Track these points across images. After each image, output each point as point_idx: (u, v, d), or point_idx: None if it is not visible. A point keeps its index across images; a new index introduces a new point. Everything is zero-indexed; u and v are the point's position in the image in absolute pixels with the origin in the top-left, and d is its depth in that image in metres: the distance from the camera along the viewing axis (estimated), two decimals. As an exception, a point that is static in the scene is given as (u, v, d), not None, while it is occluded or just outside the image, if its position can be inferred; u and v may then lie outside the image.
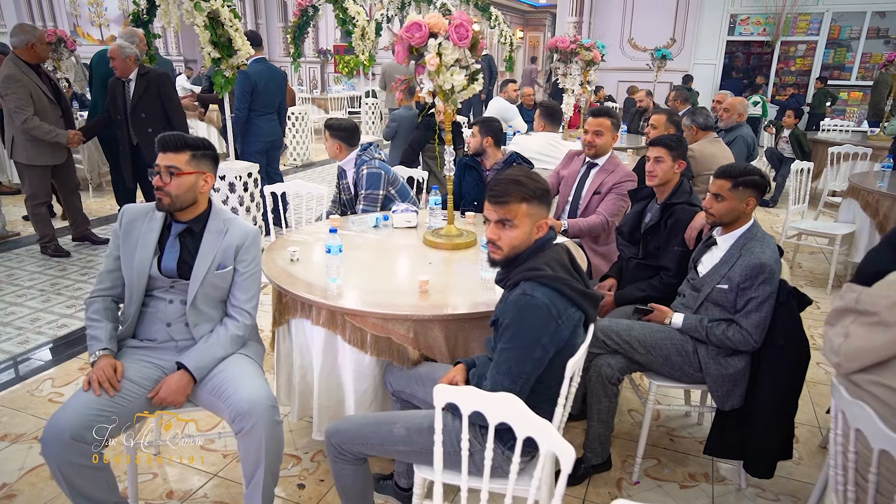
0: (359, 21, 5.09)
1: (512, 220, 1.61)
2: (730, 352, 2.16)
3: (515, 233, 1.62)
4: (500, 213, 1.61)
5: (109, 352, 1.94)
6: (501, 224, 1.63)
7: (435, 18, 2.34)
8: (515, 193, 1.60)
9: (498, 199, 1.61)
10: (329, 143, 3.31)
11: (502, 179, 1.63)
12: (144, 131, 4.50)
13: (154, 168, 1.96)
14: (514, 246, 1.63)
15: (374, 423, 1.78)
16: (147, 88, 4.46)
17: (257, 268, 2.13)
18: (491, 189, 1.64)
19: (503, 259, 1.65)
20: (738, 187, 2.13)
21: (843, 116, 10.52)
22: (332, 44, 13.50)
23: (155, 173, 1.94)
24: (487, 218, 1.66)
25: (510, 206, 1.60)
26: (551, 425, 1.25)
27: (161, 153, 1.95)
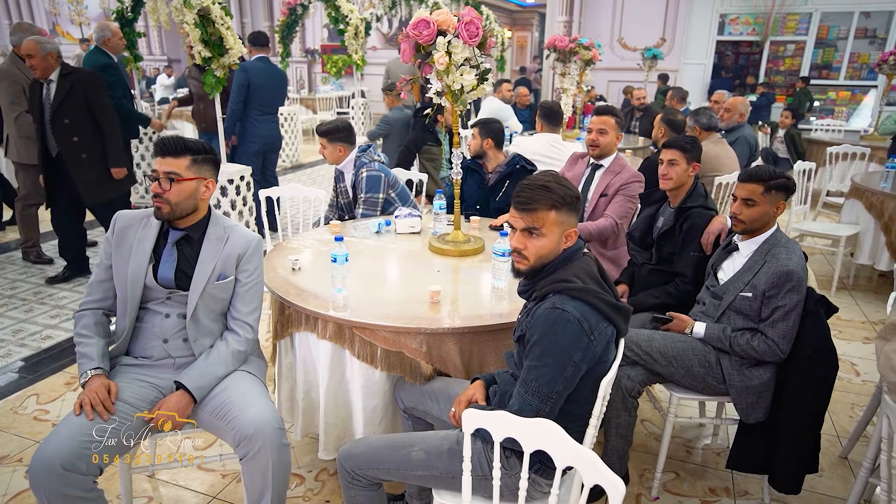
0: (352, 20, 4.96)
1: (540, 228, 1.51)
2: (754, 362, 2.07)
3: (543, 242, 1.52)
4: (528, 221, 1.51)
5: (102, 371, 1.81)
6: (528, 232, 1.52)
7: (444, 15, 2.23)
8: (544, 200, 1.49)
9: (525, 205, 1.50)
10: (329, 149, 3.19)
11: (530, 185, 1.53)
12: (68, 140, 3.83)
13: (152, 174, 1.83)
14: (541, 256, 1.53)
15: (390, 446, 1.67)
16: (71, 91, 3.77)
17: (260, 278, 2.01)
18: (517, 195, 1.53)
19: (529, 269, 1.55)
20: (770, 191, 2.04)
21: (831, 116, 10.60)
22: (320, 43, 13.34)
23: (153, 179, 1.82)
24: (512, 225, 1.56)
25: (538, 213, 1.50)
26: (595, 455, 1.14)
27: (159, 158, 1.82)
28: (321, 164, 8.71)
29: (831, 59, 10.86)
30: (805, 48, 10.78)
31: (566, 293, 1.47)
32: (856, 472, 2.44)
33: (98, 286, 1.93)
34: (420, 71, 2.37)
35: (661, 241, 2.60)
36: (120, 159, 4.02)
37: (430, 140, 4.63)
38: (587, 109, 6.75)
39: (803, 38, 10.76)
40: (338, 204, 3.47)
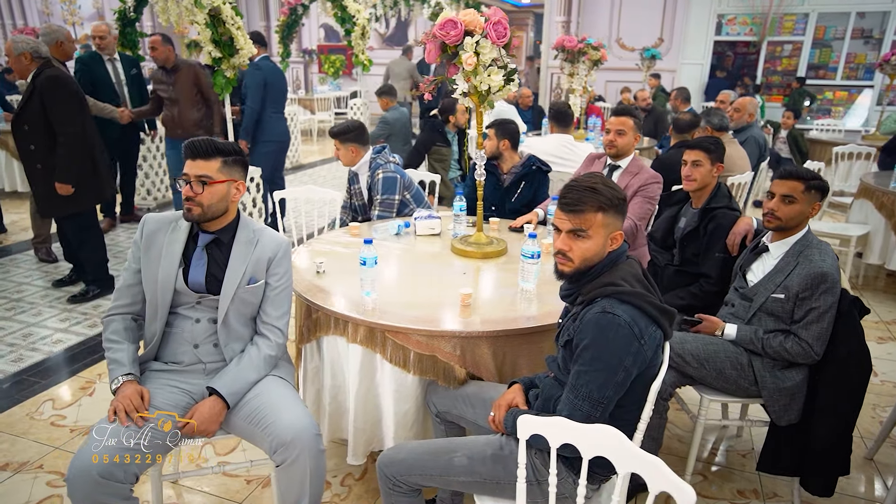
0: (359, 20, 4.93)
1: (586, 230, 1.49)
2: (786, 364, 2.07)
3: (589, 244, 1.50)
4: (574, 223, 1.49)
5: (133, 377, 1.78)
6: (574, 234, 1.51)
7: (470, 15, 2.21)
8: (591, 202, 1.48)
9: (572, 207, 1.49)
10: (343, 150, 3.16)
11: (576, 186, 1.51)
12: (26, 147, 3.52)
13: (182, 177, 1.80)
14: (586, 258, 1.51)
15: (432, 451, 1.65)
16: (31, 95, 3.44)
17: (289, 281, 1.99)
18: (564, 196, 1.51)
19: (573, 272, 1.53)
20: (810, 190, 2.04)
21: (828, 115, 10.67)
22: (317, 43, 13.28)
23: (185, 182, 1.79)
24: (557, 227, 1.54)
25: (585, 215, 1.48)
26: (661, 462, 1.13)
27: (190, 160, 1.79)
28: (321, 165, 8.67)
29: (828, 59, 10.92)
30: (802, 48, 10.83)
31: (615, 297, 1.45)
32: (883, 474, 2.45)
33: (126, 291, 1.89)
34: (445, 71, 2.35)
35: (684, 242, 2.59)
36: (65, 174, 3.48)
37: (439, 141, 4.60)
38: (590, 110, 6.75)
39: (800, 38, 10.81)
40: (352, 206, 3.44)
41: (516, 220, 2.99)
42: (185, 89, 4.53)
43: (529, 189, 3.40)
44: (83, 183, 3.59)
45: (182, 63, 4.56)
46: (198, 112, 4.59)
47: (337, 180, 7.63)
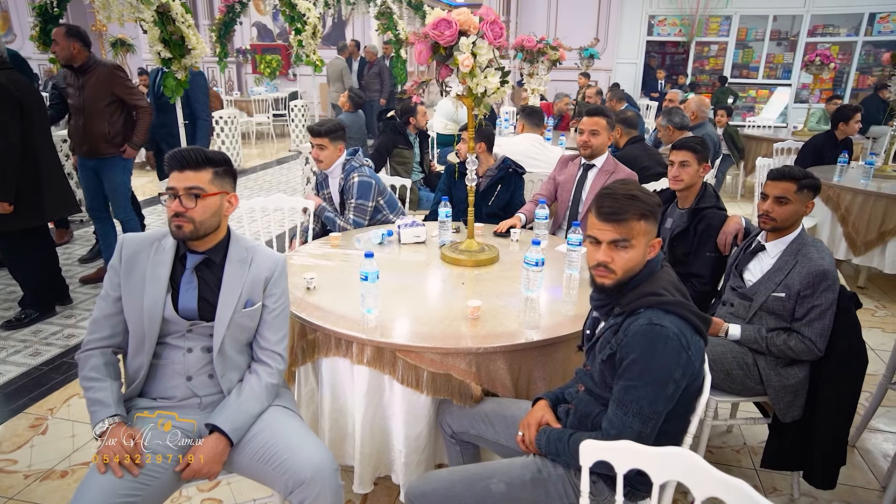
0: (310, 18, 4.73)
1: (630, 239, 1.43)
2: (789, 361, 2.09)
3: (632, 254, 1.44)
4: (619, 232, 1.42)
5: (121, 418, 1.59)
6: (616, 244, 1.44)
7: (465, 15, 2.12)
8: (633, 209, 1.41)
9: (615, 216, 1.42)
10: (331, 149, 3.02)
11: (614, 194, 1.44)
12: None
13: (168, 191, 1.62)
14: (629, 269, 1.45)
15: (466, 479, 1.55)
16: None
17: (287, 302, 1.83)
18: (602, 205, 1.44)
19: (615, 284, 1.46)
20: (802, 189, 2.07)
21: (752, 113, 11.25)
22: (249, 42, 12.78)
23: (172, 196, 1.60)
24: (596, 238, 1.46)
25: (629, 223, 1.42)
26: (745, 483, 1.08)
27: (177, 172, 1.61)
28: (265, 170, 8.33)
29: (750, 59, 11.53)
30: (727, 49, 11.38)
31: (660, 307, 1.40)
32: (867, 460, 2.54)
33: (105, 322, 1.69)
34: (437, 73, 2.25)
35: (674, 242, 2.60)
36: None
37: (400, 143, 4.48)
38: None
39: (725, 39, 11.36)
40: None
41: (500, 225, 2.92)
42: (96, 96, 3.65)
43: (506, 192, 3.35)
44: (20, 200, 3.23)
45: (95, 63, 3.66)
46: (110, 125, 3.72)
47: (283, 185, 7.34)
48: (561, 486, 1.50)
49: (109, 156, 3.80)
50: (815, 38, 10.81)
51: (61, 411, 2.75)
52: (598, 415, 1.51)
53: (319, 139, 3.00)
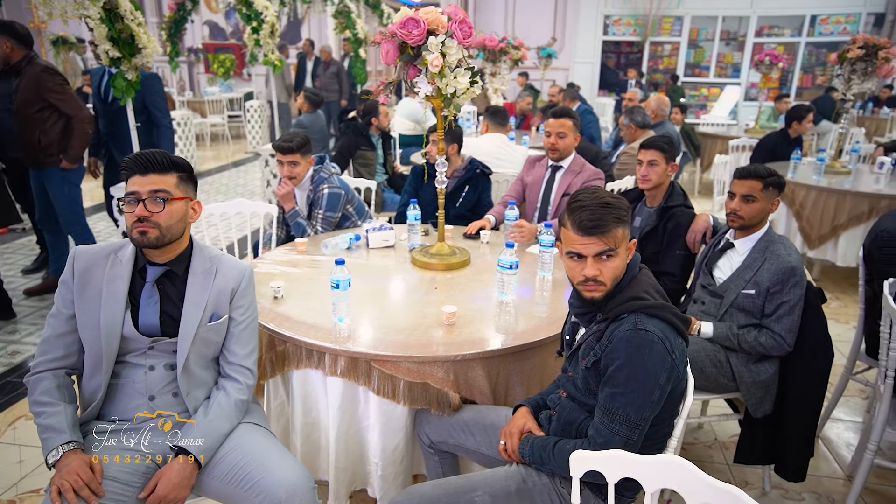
0: (267, 17, 4.59)
1: (616, 248, 1.39)
2: (759, 357, 2.12)
3: (617, 262, 1.41)
4: (605, 243, 1.38)
5: (77, 445, 1.48)
6: (601, 256, 1.40)
7: (433, 14, 2.07)
8: (612, 217, 1.37)
9: (598, 228, 1.37)
10: (303, 164, 2.90)
11: (589, 205, 1.38)
12: None
13: (130, 195, 1.52)
14: (615, 277, 1.42)
15: (450, 493, 1.50)
16: None
17: (255, 314, 1.75)
18: (581, 219, 1.38)
19: (605, 295, 1.43)
20: (768, 187, 2.10)
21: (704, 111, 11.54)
22: (201, 41, 12.42)
23: (134, 201, 1.50)
24: (579, 253, 1.41)
25: (611, 233, 1.38)
26: (741, 491, 1.06)
27: (140, 175, 1.52)
28: (221, 173, 8.09)
29: (701, 58, 11.84)
30: (679, 48, 11.65)
31: (643, 312, 1.38)
32: (831, 450, 2.61)
33: (57, 341, 1.57)
34: (404, 73, 2.19)
35: (643, 241, 2.61)
36: None
37: (363, 145, 4.39)
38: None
39: (677, 39, 11.62)
40: (284, 219, 3.18)
41: (470, 226, 2.88)
42: (25, 101, 3.41)
43: (474, 193, 3.31)
44: None
45: (28, 64, 3.42)
46: (42, 134, 3.46)
47: (241, 188, 7.14)
48: (546, 495, 1.47)
49: (46, 166, 3.59)
50: (762, 39, 11.17)
51: (6, 435, 2.58)
52: (583, 421, 1.48)
53: (291, 156, 2.84)
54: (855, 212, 4.07)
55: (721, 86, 11.70)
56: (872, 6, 10.58)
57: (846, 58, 4.46)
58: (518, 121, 7.09)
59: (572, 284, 1.48)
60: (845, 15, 10.83)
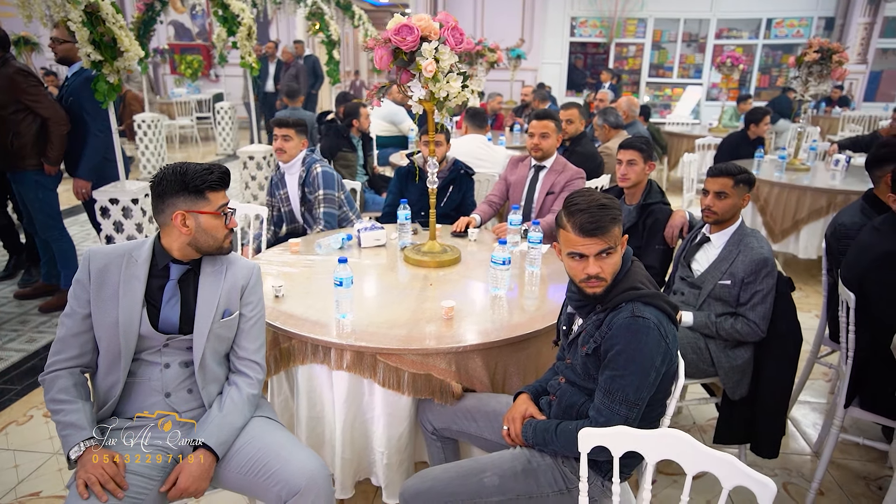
0: (244, 19, 4.60)
1: (615, 246, 1.51)
2: (735, 343, 2.27)
3: (615, 258, 1.52)
4: (606, 242, 1.48)
5: (97, 441, 1.52)
6: (602, 255, 1.50)
7: (425, 21, 2.16)
8: (609, 217, 1.48)
9: (599, 230, 1.46)
10: (295, 141, 3.06)
11: (587, 208, 1.48)
12: None
13: (222, 208, 1.67)
14: (615, 272, 1.53)
15: (460, 475, 1.59)
16: None
17: (263, 310, 1.81)
18: (583, 221, 1.47)
19: (605, 290, 1.53)
20: (738, 184, 2.24)
21: (668, 111, 11.88)
22: (167, 42, 12.23)
23: (231, 213, 1.69)
24: (582, 253, 1.50)
25: (610, 232, 1.48)
26: (734, 458, 1.18)
27: (223, 191, 1.68)
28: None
29: (665, 59, 12.18)
30: (644, 49, 11.97)
31: (640, 300, 1.49)
32: (798, 429, 2.79)
33: (72, 341, 1.61)
34: (397, 78, 2.27)
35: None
36: None
37: (344, 146, 4.45)
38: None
39: (642, 40, 11.94)
40: (275, 217, 3.23)
41: (457, 224, 2.98)
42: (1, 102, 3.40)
43: (458, 193, 3.41)
44: None
45: (2, 65, 3.39)
46: (16, 136, 3.44)
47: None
48: (550, 474, 1.57)
49: (20, 170, 3.55)
50: (722, 41, 11.58)
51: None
52: (583, 404, 1.59)
53: (286, 129, 3.03)
54: (814, 206, 4.30)
55: (684, 86, 12.07)
56: (823, 11, 11.07)
57: (803, 61, 4.71)
58: (491, 121, 7.22)
59: (573, 282, 1.58)
60: (798, 19, 11.30)
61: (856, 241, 2.29)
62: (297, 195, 3.13)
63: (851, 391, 2.21)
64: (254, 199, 5.21)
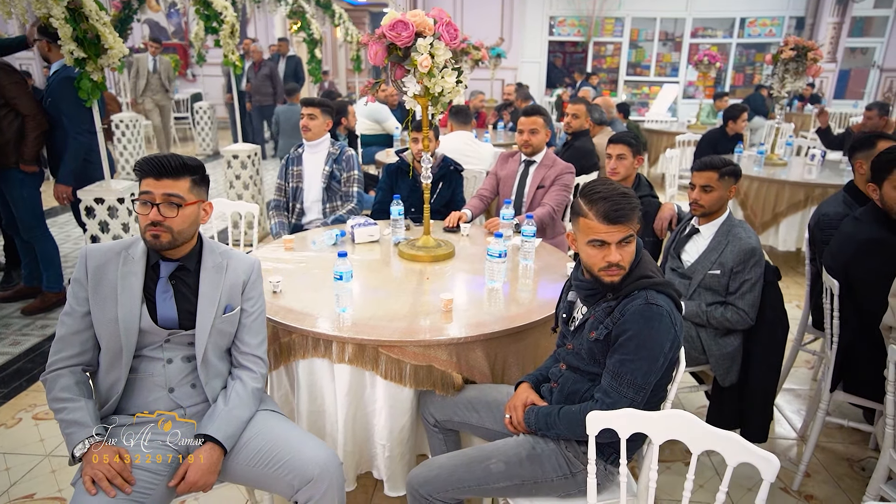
0: (227, 17, 4.56)
1: (634, 234, 1.54)
2: (725, 331, 2.33)
3: (633, 246, 1.56)
4: (628, 230, 1.51)
5: (101, 437, 1.52)
6: (622, 243, 1.52)
7: (420, 17, 2.18)
8: (631, 206, 1.51)
9: (622, 218, 1.49)
10: (320, 120, 3.24)
11: (610, 196, 1.50)
12: None
13: (143, 196, 1.56)
14: (631, 261, 1.56)
15: (466, 463, 1.62)
16: None
17: (264, 305, 1.82)
18: (608, 209, 1.49)
19: (622, 277, 1.56)
20: (723, 177, 2.30)
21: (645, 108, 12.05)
22: (142, 41, 12.02)
23: (148, 204, 1.55)
24: (605, 241, 1.52)
25: (632, 220, 1.52)
26: (738, 436, 1.22)
27: (154, 179, 1.56)
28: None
29: (642, 58, 12.36)
30: (622, 48, 12.12)
31: (653, 288, 1.53)
32: (783, 415, 2.86)
33: (72, 339, 1.59)
34: (391, 73, 2.29)
35: (614, 230, 2.79)
36: None
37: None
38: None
39: (620, 39, 12.09)
40: (288, 190, 3.34)
41: (450, 217, 3.00)
42: None
43: (448, 189, 3.43)
44: None
45: None
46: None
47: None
48: (555, 459, 1.60)
49: (6, 167, 3.49)
50: (697, 39, 11.78)
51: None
52: (587, 390, 1.62)
53: (312, 108, 3.22)
54: (793, 200, 4.41)
55: (661, 84, 12.26)
56: (794, 10, 11.34)
57: (780, 58, 4.82)
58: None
59: (590, 271, 1.58)
60: (771, 18, 11.55)
61: (838, 232, 2.36)
62: (319, 172, 3.28)
63: (836, 376, 2.28)
64: (238, 197, 5.17)
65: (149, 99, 8.38)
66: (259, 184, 5.28)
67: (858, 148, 2.67)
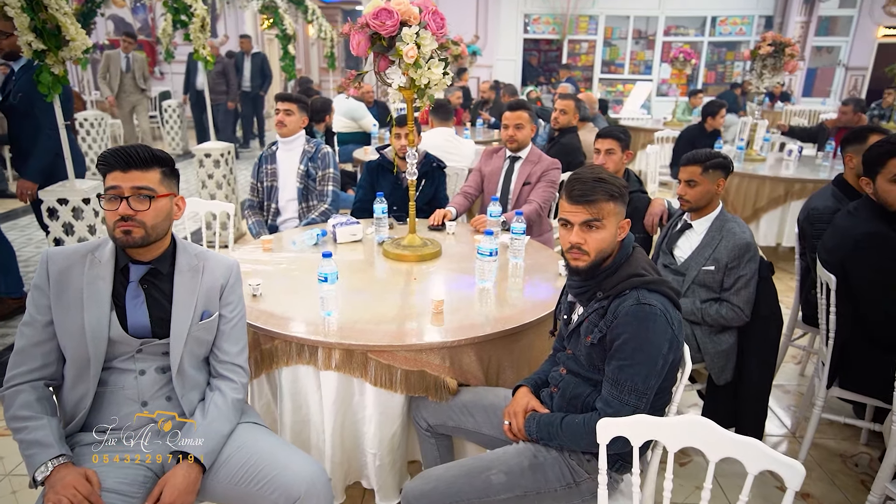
0: (197, 10, 4.39)
1: (601, 219, 1.47)
2: (720, 328, 2.28)
3: (603, 234, 1.49)
4: (590, 213, 1.46)
5: (67, 458, 1.38)
6: (587, 226, 1.47)
7: (404, 5, 2.07)
8: (602, 191, 1.46)
9: (586, 197, 1.45)
10: (296, 116, 3.13)
11: (583, 178, 1.48)
12: None
13: (110, 191, 1.43)
14: (601, 249, 1.49)
15: (465, 474, 1.52)
16: None
17: (244, 310, 1.70)
18: (573, 189, 1.47)
19: (589, 266, 1.50)
20: (708, 170, 2.24)
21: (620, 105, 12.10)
22: (106, 38, 11.65)
23: (117, 198, 1.42)
24: (568, 220, 1.50)
25: (599, 204, 1.46)
26: (760, 442, 1.15)
27: (120, 171, 1.43)
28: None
29: (616, 56, 12.42)
30: (596, 46, 12.16)
31: (644, 287, 1.46)
32: (774, 411, 2.84)
33: (33, 351, 1.46)
34: (375, 64, 2.18)
35: (603, 226, 2.73)
36: None
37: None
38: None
39: (594, 37, 12.13)
40: (260, 189, 3.18)
41: (434, 217, 2.90)
42: None
43: (430, 187, 3.33)
44: None
45: None
46: None
47: (165, 191, 6.77)
48: (558, 468, 1.52)
49: None
50: (670, 38, 11.88)
51: (-55, 462, 2.35)
52: (589, 395, 1.54)
53: (288, 104, 3.12)
54: (773, 195, 4.42)
55: (635, 82, 12.33)
56: (763, 9, 11.50)
57: (758, 54, 4.84)
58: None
59: (562, 253, 1.57)
60: (741, 17, 11.69)
61: (832, 226, 2.33)
62: (294, 170, 3.17)
63: (832, 372, 2.25)
64: (211, 197, 5.00)
65: (126, 101, 8.10)
66: (233, 183, 5.11)
67: (850, 141, 2.65)
